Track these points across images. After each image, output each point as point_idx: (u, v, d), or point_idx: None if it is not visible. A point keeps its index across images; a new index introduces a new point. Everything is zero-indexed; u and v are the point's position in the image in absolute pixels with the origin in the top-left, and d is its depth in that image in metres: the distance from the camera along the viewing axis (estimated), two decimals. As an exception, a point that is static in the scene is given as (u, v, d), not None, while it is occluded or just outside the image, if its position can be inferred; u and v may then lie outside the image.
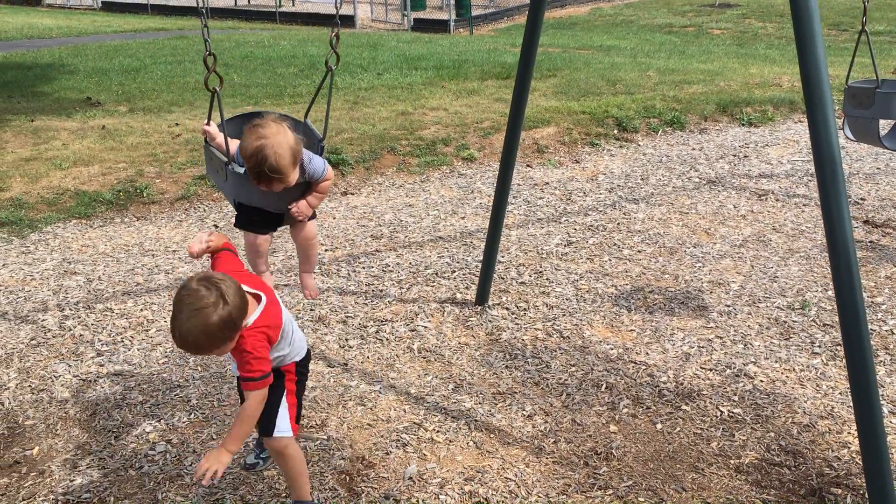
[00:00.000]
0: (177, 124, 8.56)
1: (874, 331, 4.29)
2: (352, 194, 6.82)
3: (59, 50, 15.15)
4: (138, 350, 4.19)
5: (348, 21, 24.54)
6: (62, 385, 3.85)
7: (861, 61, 5.13)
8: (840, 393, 3.73)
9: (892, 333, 4.28)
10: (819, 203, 2.71)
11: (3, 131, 8.18)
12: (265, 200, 3.08)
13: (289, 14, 26.04)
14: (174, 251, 5.55)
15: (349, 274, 5.15)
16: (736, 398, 3.71)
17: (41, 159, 7.19)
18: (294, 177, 2.92)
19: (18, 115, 9.05)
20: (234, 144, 3.06)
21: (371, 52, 14.36)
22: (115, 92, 10.66)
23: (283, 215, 3.18)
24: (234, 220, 3.31)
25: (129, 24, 22.32)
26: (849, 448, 3.33)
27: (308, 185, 3.11)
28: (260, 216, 3.14)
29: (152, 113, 9.38)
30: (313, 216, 3.26)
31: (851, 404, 3.49)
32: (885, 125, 5.49)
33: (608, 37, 20.16)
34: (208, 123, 3.12)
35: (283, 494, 3.07)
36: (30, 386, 3.84)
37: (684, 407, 3.64)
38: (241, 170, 2.98)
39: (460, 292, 4.87)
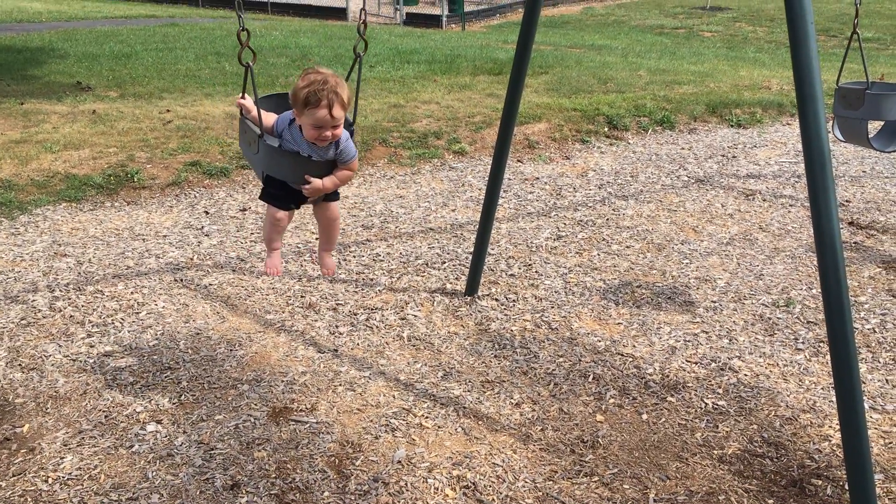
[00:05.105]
0: (168, 111, 8.54)
1: (857, 328, 4.36)
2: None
3: (49, 34, 15.07)
4: (129, 332, 4.20)
5: (341, 14, 24.53)
6: (52, 365, 3.86)
7: (849, 66, 5.20)
8: (822, 388, 3.79)
9: (874, 332, 4.36)
10: (805, 204, 2.76)
11: (-7, 113, 8.15)
12: (293, 175, 3.15)
13: (281, 5, 25.96)
14: (164, 236, 5.55)
15: (340, 262, 5.17)
16: (720, 391, 3.76)
17: (31, 142, 7.16)
18: (339, 129, 3.05)
19: (8, 97, 9.00)
20: (268, 118, 3.16)
21: (363, 45, 14.34)
22: (105, 77, 10.62)
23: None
24: (258, 193, 3.44)
25: (119, 11, 22.21)
26: (829, 441, 3.39)
27: (333, 165, 3.20)
28: (285, 191, 3.21)
29: (143, 99, 9.35)
30: (336, 197, 3.40)
31: (833, 399, 3.57)
32: (873, 127, 5.58)
33: (600, 36, 20.24)
34: (243, 96, 3.19)
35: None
36: (20, 364, 3.85)
37: (669, 398, 3.70)
38: (276, 143, 3.12)
39: (450, 283, 4.90)
